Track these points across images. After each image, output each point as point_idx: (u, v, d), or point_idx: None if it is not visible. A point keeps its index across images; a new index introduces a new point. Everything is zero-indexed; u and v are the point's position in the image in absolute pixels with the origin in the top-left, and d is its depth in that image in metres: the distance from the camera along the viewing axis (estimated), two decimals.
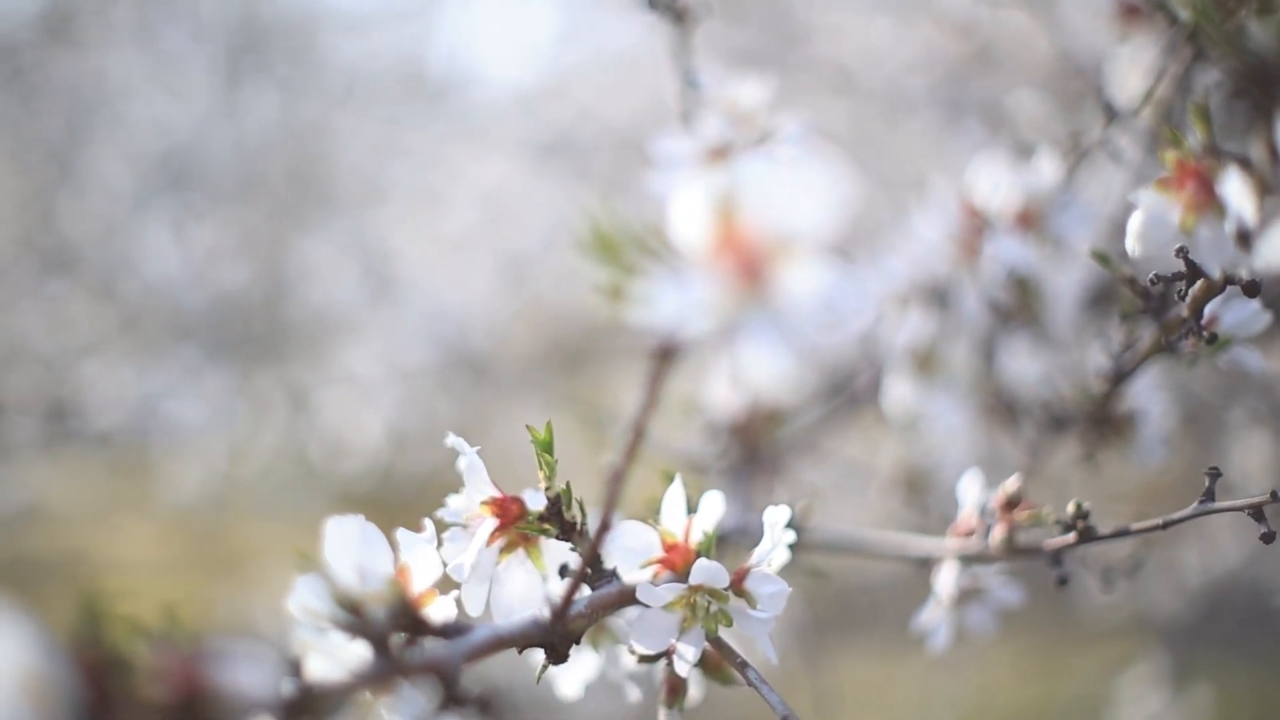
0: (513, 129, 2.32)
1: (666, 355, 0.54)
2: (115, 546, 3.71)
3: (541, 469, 0.71)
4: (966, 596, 0.85)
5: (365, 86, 3.07)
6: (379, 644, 0.59)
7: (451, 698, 0.60)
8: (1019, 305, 0.99)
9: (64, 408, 2.98)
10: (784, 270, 0.51)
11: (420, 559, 0.64)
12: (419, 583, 0.64)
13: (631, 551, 0.70)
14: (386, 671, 0.58)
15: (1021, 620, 0.85)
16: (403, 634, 0.61)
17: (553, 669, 0.75)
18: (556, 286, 2.37)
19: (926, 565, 0.86)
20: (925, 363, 1.01)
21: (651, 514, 0.74)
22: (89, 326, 3.14)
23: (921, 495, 1.13)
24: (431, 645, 0.61)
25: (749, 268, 0.51)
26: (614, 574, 0.70)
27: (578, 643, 0.68)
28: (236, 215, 3.11)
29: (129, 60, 3.78)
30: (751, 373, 0.51)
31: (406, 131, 2.67)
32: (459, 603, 0.67)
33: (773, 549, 0.71)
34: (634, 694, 0.78)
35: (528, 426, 0.73)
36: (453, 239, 2.53)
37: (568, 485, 0.71)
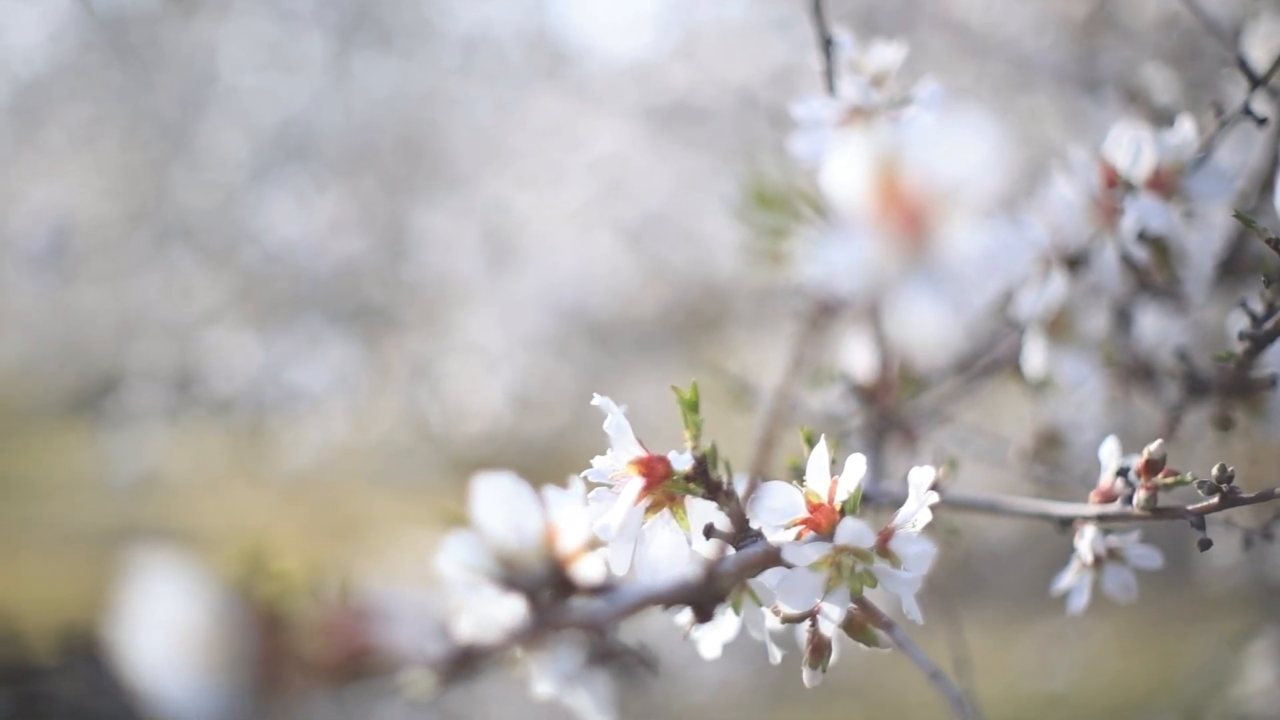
0: (631, 95, 2.32)
1: (825, 314, 0.54)
2: (231, 515, 3.75)
3: (688, 428, 0.71)
4: (1107, 560, 0.85)
5: (482, 55, 3.08)
6: (533, 600, 0.59)
7: (605, 653, 0.60)
8: (1157, 267, 0.98)
9: (187, 376, 3.01)
10: (944, 227, 0.51)
11: (569, 518, 0.64)
12: (568, 541, 0.64)
13: (776, 512, 0.71)
14: (541, 628, 0.59)
15: (1140, 589, 0.84)
16: (554, 591, 0.61)
17: (694, 629, 0.75)
18: (676, 251, 2.37)
19: (1067, 527, 0.85)
20: (1064, 326, 1.00)
21: (795, 475, 0.74)
22: (211, 296, 3.17)
23: (1058, 460, 1.13)
24: (583, 603, 0.61)
25: (910, 224, 0.51)
26: (759, 534, 0.71)
27: (723, 602, 0.68)
28: (354, 185, 3.13)
29: (244, 32, 3.81)
30: (911, 330, 0.50)
31: (524, 99, 2.68)
32: (605, 562, 0.67)
33: (917, 509, 0.71)
34: (776, 656, 0.78)
35: (673, 387, 0.73)
36: (572, 206, 2.53)
37: (713, 445, 0.71)
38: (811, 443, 0.74)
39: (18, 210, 4.22)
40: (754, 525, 0.71)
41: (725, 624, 0.78)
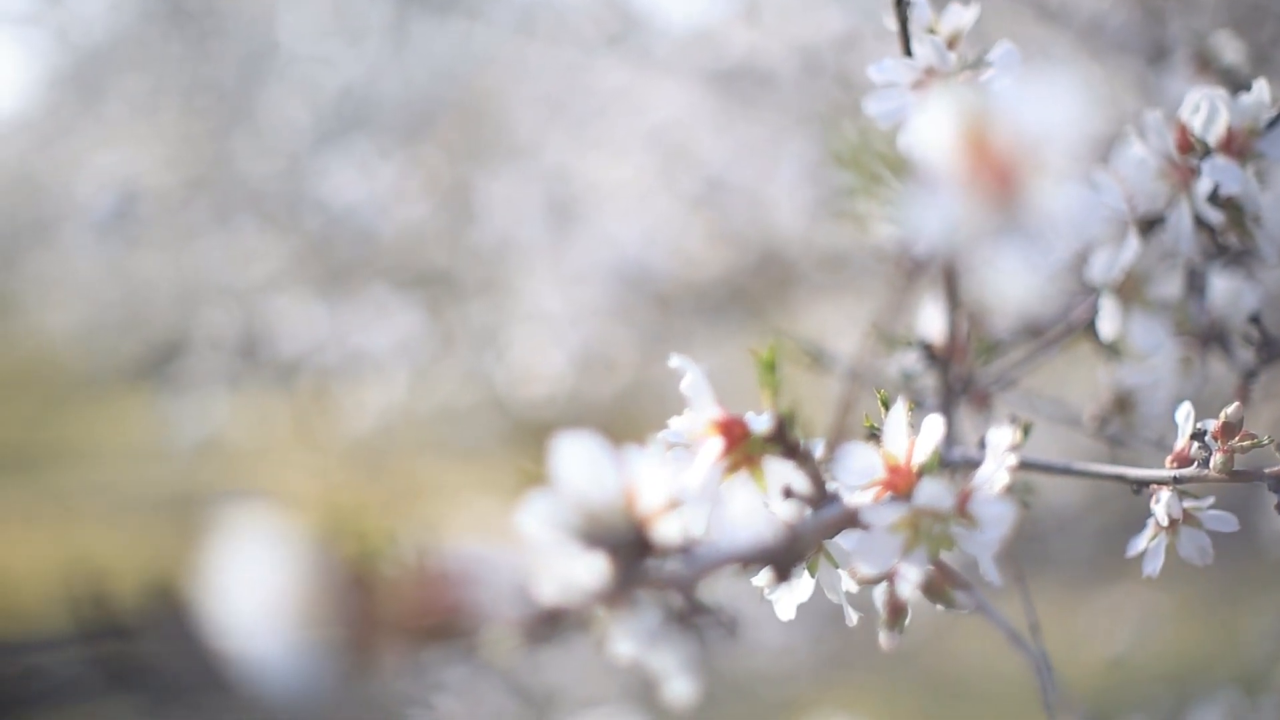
0: (694, 58, 2.31)
1: (909, 275, 0.54)
2: (293, 480, 3.77)
3: (766, 389, 0.71)
4: (1183, 523, 0.85)
5: (544, 20, 3.08)
6: (616, 559, 0.59)
7: (687, 613, 0.61)
8: (1231, 229, 0.98)
9: (250, 342, 3.03)
10: (1032, 185, 0.51)
11: (649, 477, 0.64)
12: (648, 501, 0.64)
13: (854, 473, 0.71)
14: (624, 587, 0.59)
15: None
16: (634, 551, 0.61)
17: (769, 591, 0.75)
18: (739, 216, 2.37)
19: (1143, 491, 0.85)
20: (1138, 290, 1.00)
21: (871, 437, 0.75)
22: (274, 262, 3.19)
23: (1131, 423, 1.13)
24: (663, 562, 0.62)
25: (997, 182, 0.51)
26: (836, 496, 0.71)
27: (802, 563, 0.69)
28: (416, 151, 3.14)
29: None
30: (997, 288, 0.51)
31: (586, 64, 2.67)
32: (682, 523, 0.67)
33: (995, 471, 0.71)
34: (852, 617, 0.78)
35: (751, 348, 0.73)
36: (634, 171, 2.53)
37: (792, 406, 0.71)
38: (888, 405, 0.74)
39: (80, 178, 4.25)
40: (831, 487, 0.71)
41: (801, 586, 0.78)
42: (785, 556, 0.67)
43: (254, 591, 0.50)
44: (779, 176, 2.17)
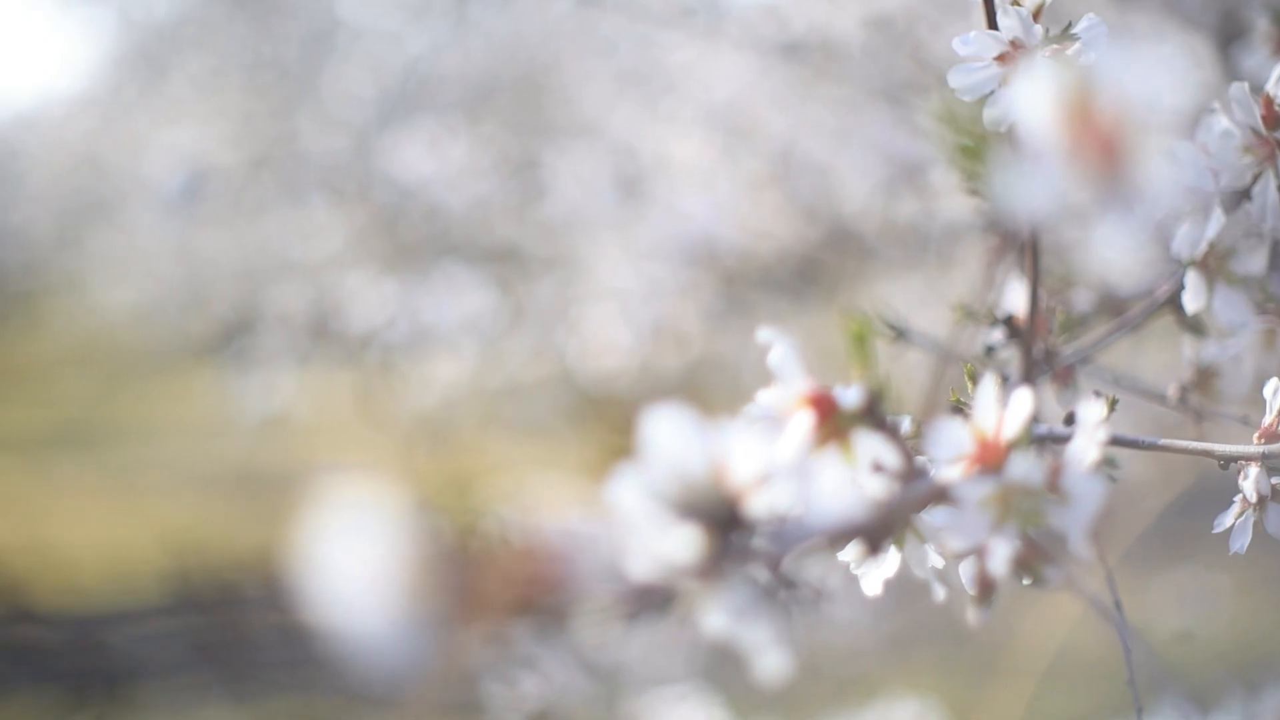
0: (764, 31, 2.30)
1: (1006, 246, 0.54)
2: (360, 457, 3.79)
3: (858, 362, 0.70)
4: (1270, 499, 0.85)
5: None
6: (710, 533, 0.59)
7: (782, 586, 0.60)
8: None
9: (317, 318, 3.04)
10: (1137, 153, 0.51)
11: (740, 451, 0.64)
12: (739, 475, 0.64)
13: (945, 448, 0.70)
14: (718, 561, 0.59)
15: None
16: (729, 525, 0.61)
17: (856, 566, 0.75)
18: (807, 190, 2.36)
19: (1230, 466, 0.85)
20: (1222, 265, 0.99)
21: (958, 412, 0.74)
22: (341, 238, 3.20)
23: (1214, 400, 1.12)
24: (755, 536, 0.61)
25: (1101, 152, 0.51)
26: (925, 471, 0.70)
27: (893, 538, 0.69)
28: (481, 126, 3.14)
29: None
30: (1102, 257, 0.50)
31: (653, 37, 2.67)
32: (772, 497, 0.66)
33: (1086, 446, 0.71)
34: (940, 593, 0.77)
35: (839, 318, 0.72)
36: (701, 144, 2.53)
37: (884, 380, 0.71)
38: (974, 379, 0.73)
39: (144, 156, 4.27)
40: (921, 461, 0.71)
41: (889, 561, 0.78)
42: (876, 531, 0.67)
43: (348, 565, 0.50)
44: (849, 151, 2.17)
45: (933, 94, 1.78)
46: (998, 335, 1.04)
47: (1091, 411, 0.72)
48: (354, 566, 0.52)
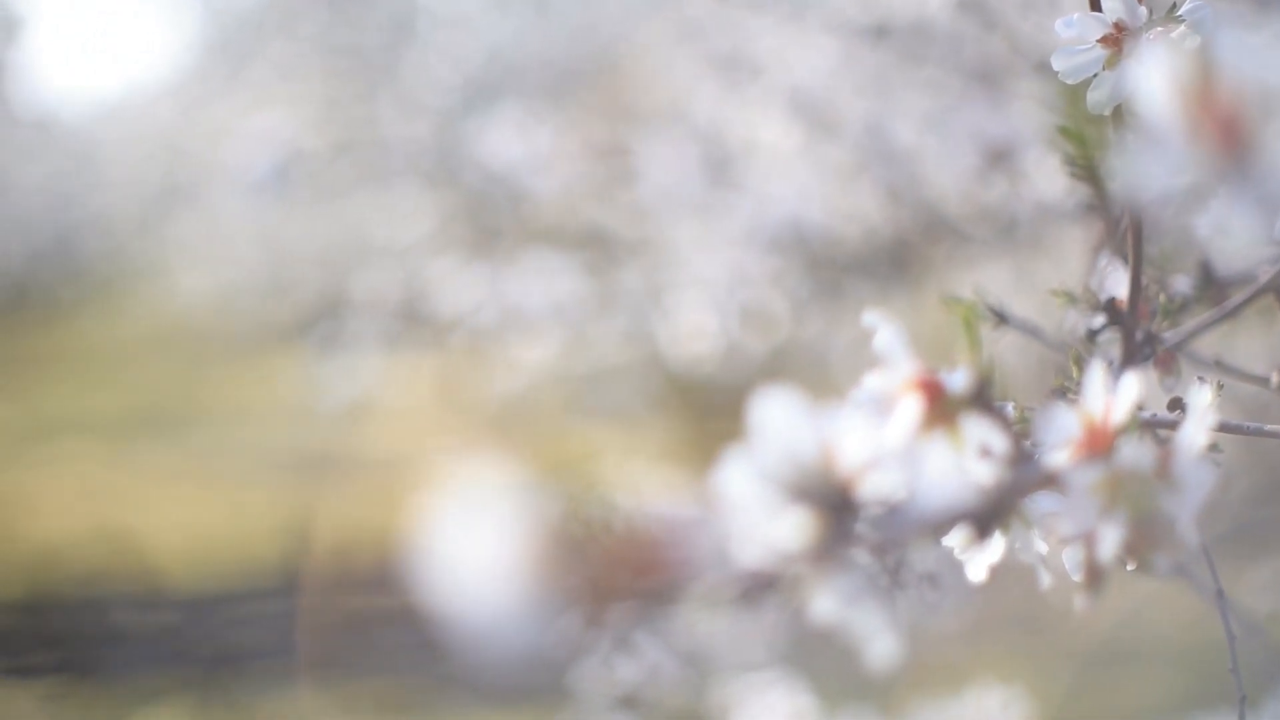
0: (853, 14, 2.29)
1: (1110, 230, 0.53)
2: (445, 442, 3.80)
3: (967, 345, 0.70)
4: None
5: None
6: (823, 519, 0.59)
7: (892, 572, 0.60)
8: None
9: (404, 303, 3.05)
10: (1259, 135, 0.50)
11: (850, 436, 0.64)
12: (849, 459, 0.63)
13: (1054, 433, 0.70)
14: (831, 547, 0.59)
15: None
16: (841, 510, 0.61)
17: (962, 552, 0.74)
18: (894, 174, 2.35)
19: None
20: None
21: (1064, 397, 0.74)
22: (428, 223, 3.21)
23: None
24: (867, 521, 0.61)
25: (1223, 133, 0.50)
26: (1033, 456, 0.70)
27: (1002, 524, 0.68)
28: (568, 111, 3.14)
29: None
30: (1225, 238, 0.50)
31: (741, 20, 2.66)
32: (880, 482, 0.66)
33: (1195, 432, 0.70)
34: (1045, 580, 0.77)
35: (945, 300, 0.72)
36: (787, 127, 2.52)
37: (992, 364, 0.70)
38: (1079, 364, 0.73)
39: (226, 142, 4.29)
40: (1029, 446, 0.70)
41: (994, 547, 0.77)
42: (984, 517, 0.67)
43: (457, 548, 0.50)
44: (939, 135, 2.15)
45: (1028, 77, 1.77)
46: (1100, 320, 1.03)
47: (1200, 397, 0.71)
48: (463, 550, 0.52)
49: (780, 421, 0.61)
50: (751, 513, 0.58)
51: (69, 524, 4.28)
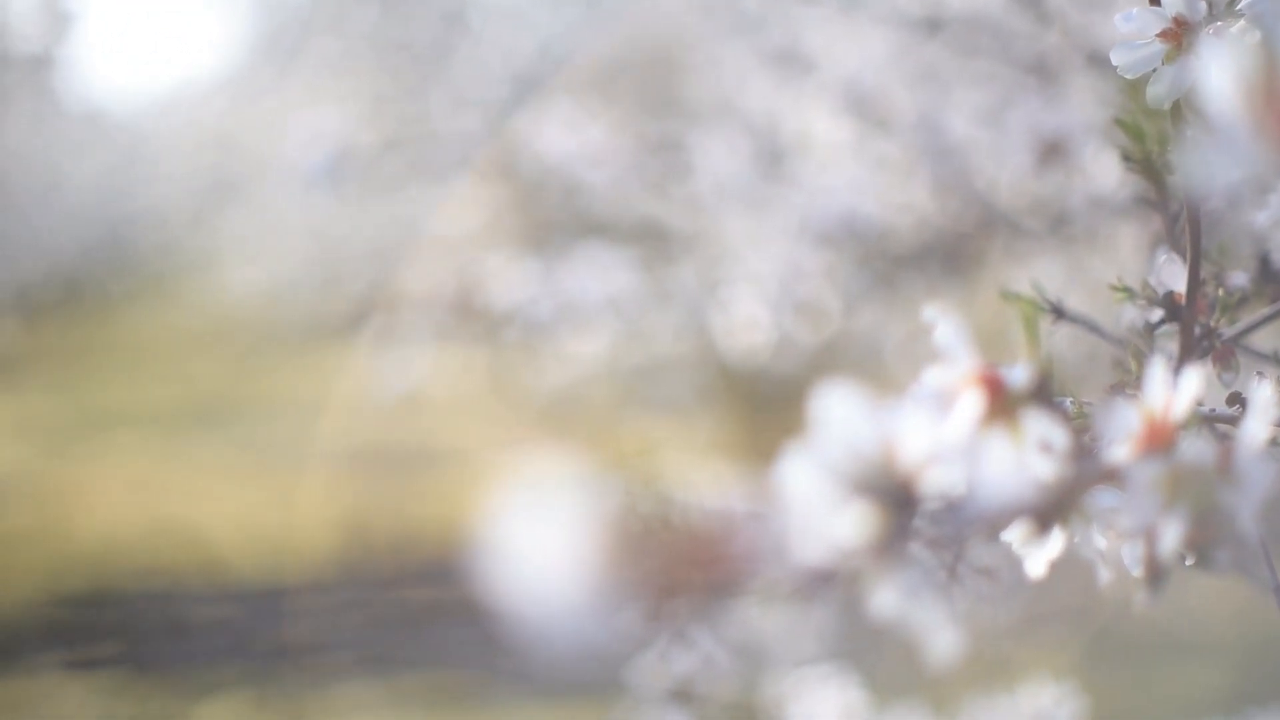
0: (908, 7, 2.29)
1: (1176, 222, 0.53)
2: (498, 435, 3.80)
3: (1026, 340, 0.70)
4: None
5: None
6: (885, 514, 0.59)
7: (954, 567, 0.60)
8: None
9: (462, 297, 3.06)
10: None
11: (913, 431, 0.64)
12: (910, 455, 0.63)
13: (1115, 428, 0.70)
14: (893, 542, 0.59)
15: None
16: (903, 505, 0.61)
17: (1021, 547, 0.74)
18: (953, 170, 2.34)
19: None
20: None
21: (1118, 390, 0.74)
22: (480, 218, 3.21)
23: None
24: (928, 516, 0.61)
25: None
26: (1093, 451, 0.70)
27: (1064, 519, 0.68)
28: (620, 104, 3.14)
29: None
30: None
31: (794, 12, 2.65)
32: (942, 477, 0.66)
33: (1258, 427, 0.70)
34: (1105, 575, 0.77)
35: (1003, 294, 0.72)
36: (843, 123, 2.51)
37: (1052, 359, 0.70)
38: (1139, 359, 0.73)
39: (277, 136, 4.31)
40: (1089, 440, 0.70)
41: (1054, 542, 0.77)
42: (1044, 512, 0.67)
43: (548, 542, 0.50)
44: (993, 128, 2.15)
45: (1083, 71, 1.76)
46: (1157, 314, 1.03)
47: (1262, 393, 0.71)
48: (521, 543, 0.52)
49: (842, 416, 0.61)
50: (812, 507, 0.58)
51: (123, 517, 4.30)
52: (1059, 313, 1.04)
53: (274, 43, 5.22)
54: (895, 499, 0.60)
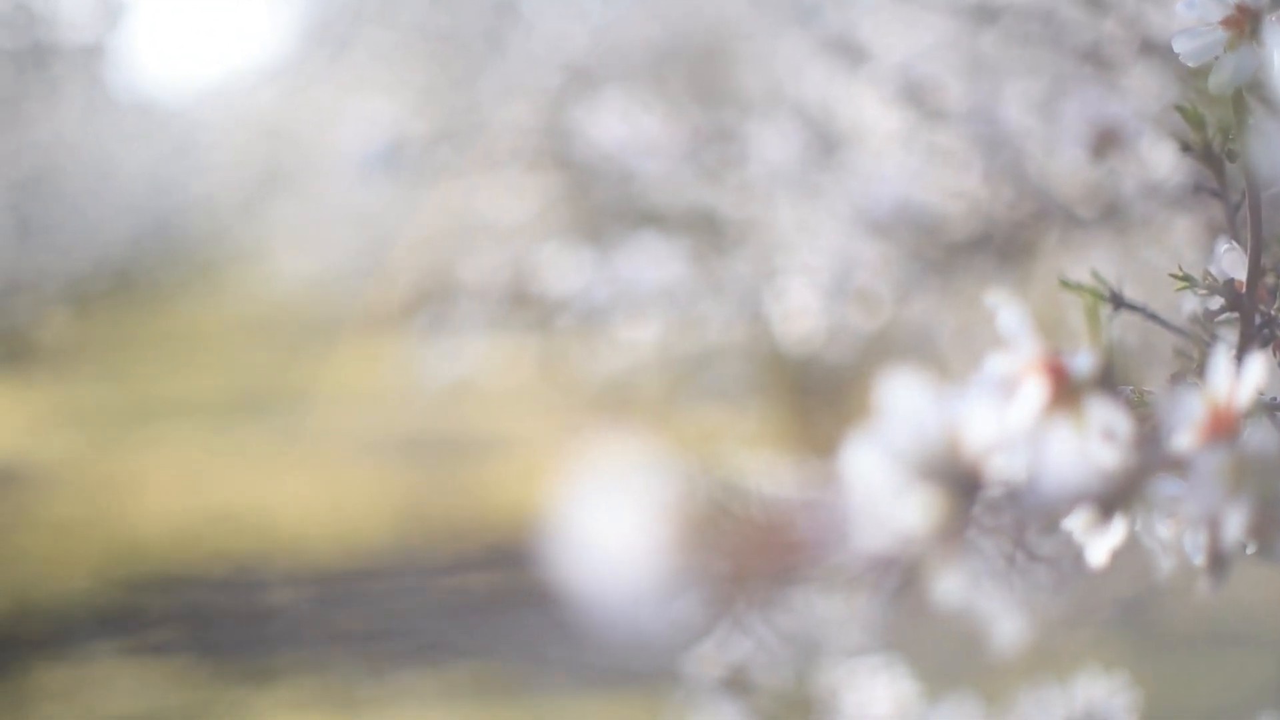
0: None
1: (1236, 210, 0.53)
2: (549, 424, 3.81)
3: (1089, 328, 0.70)
4: None
5: None
6: (951, 501, 0.59)
7: (1019, 554, 0.60)
8: None
9: (514, 286, 3.06)
10: None
11: (978, 418, 0.64)
12: (974, 441, 0.63)
13: (1180, 417, 0.70)
14: (957, 528, 0.59)
15: None
16: (968, 492, 0.61)
17: (1083, 536, 0.74)
18: (1007, 159, 2.34)
19: None
20: None
21: (1179, 379, 0.73)
22: (532, 207, 3.22)
23: None
24: (993, 503, 0.61)
25: None
26: (1157, 439, 0.70)
27: (1126, 507, 0.68)
28: (673, 93, 3.14)
29: None
30: None
31: (843, 1, 2.65)
32: (1006, 464, 0.66)
33: None
34: (1167, 564, 0.77)
35: (1063, 283, 0.72)
36: (896, 112, 2.51)
37: (1116, 346, 0.70)
38: (1200, 346, 0.73)
39: (330, 126, 4.33)
40: (1152, 428, 0.70)
41: (1115, 530, 0.77)
42: (1107, 500, 0.67)
43: (585, 529, 0.51)
44: (1049, 117, 2.14)
45: (1139, 59, 1.76)
46: (1218, 303, 1.02)
47: None
48: (580, 530, 0.52)
49: (907, 402, 0.61)
50: (877, 493, 0.59)
51: (175, 505, 4.33)
52: (1119, 301, 1.04)
53: (325, 32, 5.23)
54: (960, 486, 0.60)
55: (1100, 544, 0.78)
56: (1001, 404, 0.72)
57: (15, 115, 5.63)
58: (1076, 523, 0.68)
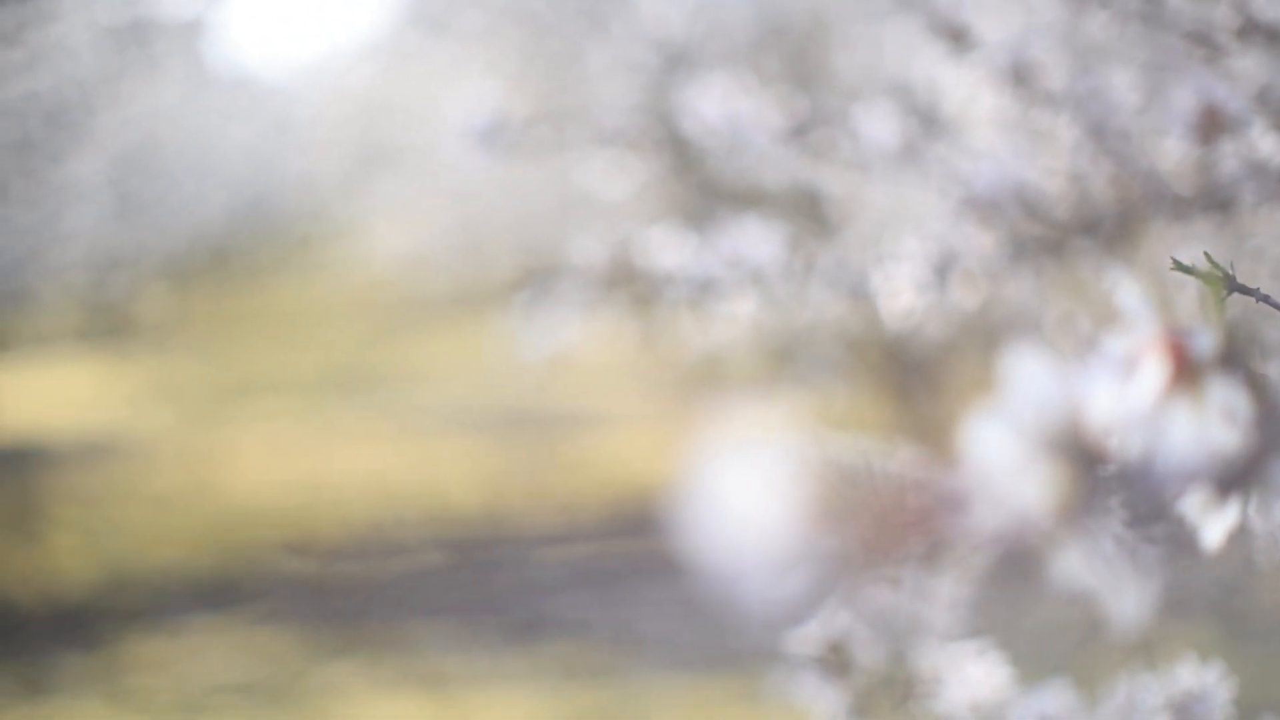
0: None
1: None
2: (645, 402, 3.81)
3: (1212, 306, 0.70)
4: None
5: None
6: (1072, 478, 0.59)
7: (1141, 533, 0.60)
8: None
9: (614, 265, 3.07)
10: None
11: (1099, 395, 0.63)
12: (1098, 419, 0.63)
13: None
14: (1079, 506, 0.58)
15: None
16: (1090, 470, 0.61)
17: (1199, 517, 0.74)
18: (1111, 145, 2.32)
19: None
20: None
21: None
22: (632, 187, 3.22)
23: None
24: (1116, 481, 0.61)
25: None
26: (1277, 420, 0.69)
27: (1246, 487, 0.68)
28: (774, 75, 3.14)
29: None
30: None
31: None
32: (1127, 442, 0.66)
33: None
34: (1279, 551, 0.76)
35: (1177, 264, 0.72)
36: (998, 94, 2.49)
37: (1236, 326, 0.70)
38: None
39: (430, 105, 4.34)
40: (1271, 411, 0.70)
41: (1232, 512, 0.76)
42: (1229, 481, 0.66)
43: (751, 502, 0.51)
44: (1157, 100, 2.12)
45: (1251, 42, 1.74)
46: None
47: None
48: (691, 508, 0.52)
49: (1031, 376, 0.61)
50: (999, 471, 0.58)
51: (269, 480, 4.37)
52: (1231, 284, 1.03)
53: (425, 8, 5.24)
54: (1082, 464, 0.60)
55: (1215, 526, 0.77)
56: (1122, 382, 0.71)
57: (116, 92, 5.67)
58: (1193, 504, 0.68)
